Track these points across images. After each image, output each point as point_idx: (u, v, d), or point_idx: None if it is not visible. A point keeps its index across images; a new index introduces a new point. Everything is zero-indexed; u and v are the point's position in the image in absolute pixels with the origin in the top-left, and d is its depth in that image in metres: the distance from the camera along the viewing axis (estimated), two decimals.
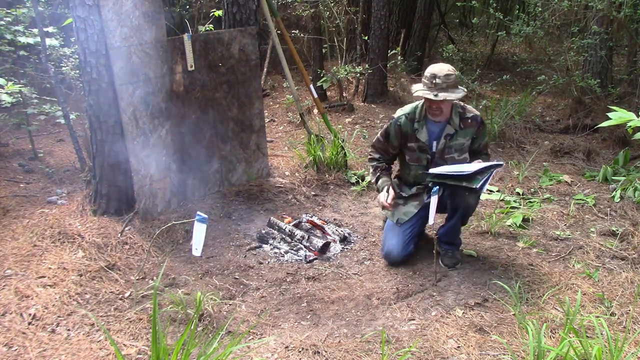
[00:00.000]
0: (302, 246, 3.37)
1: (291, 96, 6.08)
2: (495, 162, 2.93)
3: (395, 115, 3.15)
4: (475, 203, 3.04)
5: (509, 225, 3.59)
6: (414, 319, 2.61)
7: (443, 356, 2.31)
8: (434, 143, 3.08)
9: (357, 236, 3.60)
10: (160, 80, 3.45)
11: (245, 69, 4.04)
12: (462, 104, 3.13)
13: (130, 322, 2.52)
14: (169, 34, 3.54)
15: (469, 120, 3.07)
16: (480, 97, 6.77)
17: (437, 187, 2.86)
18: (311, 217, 3.77)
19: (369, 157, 3.35)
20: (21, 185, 4.27)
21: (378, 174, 3.27)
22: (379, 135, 3.25)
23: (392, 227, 3.20)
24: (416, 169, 3.16)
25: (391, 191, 3.14)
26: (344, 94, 7.17)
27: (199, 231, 2.36)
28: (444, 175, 2.87)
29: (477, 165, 2.89)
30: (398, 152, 3.25)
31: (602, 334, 2.23)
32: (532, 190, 4.30)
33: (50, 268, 2.87)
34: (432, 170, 2.93)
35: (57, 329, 2.45)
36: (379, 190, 3.23)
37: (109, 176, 3.45)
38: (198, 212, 2.38)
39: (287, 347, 2.39)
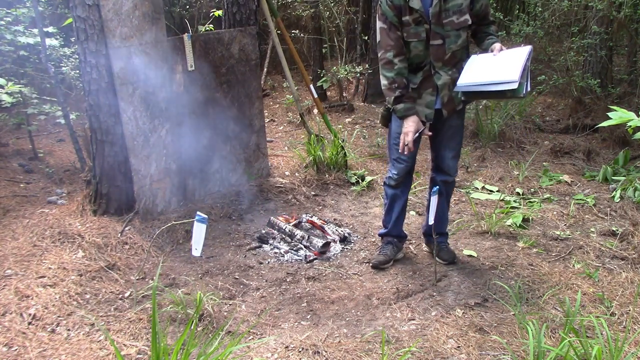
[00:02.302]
0: (302, 246, 3.38)
1: (291, 96, 6.09)
2: (523, 50, 2.53)
3: None
4: (453, 180, 3.05)
5: (509, 225, 3.59)
6: (414, 319, 2.61)
7: (443, 356, 2.31)
8: (429, 10, 2.68)
9: (357, 236, 3.60)
10: (160, 80, 3.45)
11: (245, 69, 4.04)
12: None
13: (130, 322, 2.52)
14: (169, 34, 3.54)
15: None
16: None
17: (437, 187, 2.85)
18: (311, 217, 3.77)
19: (384, 61, 2.76)
20: (21, 185, 4.27)
21: (398, 92, 2.75)
22: (380, 26, 2.76)
23: (398, 140, 2.85)
24: (416, 46, 2.74)
25: (414, 124, 2.74)
26: (344, 94, 7.17)
27: (199, 231, 2.36)
28: (482, 92, 2.57)
29: (505, 60, 2.51)
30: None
31: (602, 334, 2.23)
32: (532, 190, 4.30)
33: (50, 268, 2.87)
34: (460, 83, 2.60)
35: (57, 329, 2.45)
36: (399, 115, 2.79)
37: (109, 176, 3.45)
38: (198, 212, 2.38)
39: (287, 347, 2.39)
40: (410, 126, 2.75)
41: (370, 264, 3.16)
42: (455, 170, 3.03)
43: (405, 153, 2.82)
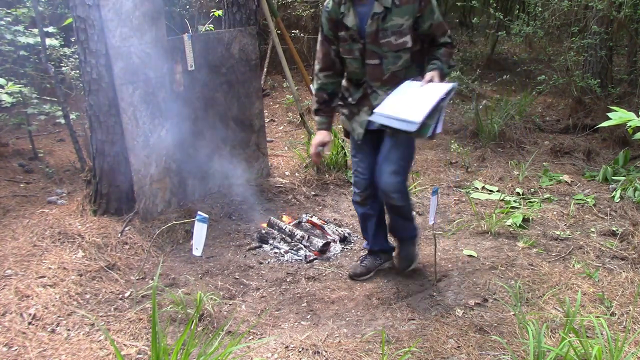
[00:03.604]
0: (302, 246, 3.38)
1: (291, 96, 6.09)
2: (442, 88, 2.38)
3: (326, 2, 2.63)
4: (397, 204, 2.71)
5: (509, 225, 3.59)
6: (414, 319, 2.61)
7: (443, 356, 2.31)
8: (365, 28, 2.52)
9: (357, 236, 3.60)
10: (160, 80, 3.45)
11: (245, 69, 4.04)
12: None
13: (130, 322, 2.52)
14: (169, 34, 3.54)
15: None
16: (480, 97, 6.77)
17: (437, 187, 2.85)
18: (311, 217, 3.77)
19: (314, 72, 2.76)
20: (21, 185, 4.27)
21: (317, 106, 2.76)
22: (318, 37, 2.71)
23: (354, 152, 2.83)
24: (351, 63, 2.63)
25: (320, 137, 2.69)
26: None
27: (199, 231, 2.36)
28: (390, 125, 2.43)
29: (423, 96, 2.38)
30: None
31: (602, 334, 2.23)
32: (532, 190, 4.30)
33: (50, 268, 2.87)
34: (375, 111, 2.49)
35: (57, 329, 2.45)
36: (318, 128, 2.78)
37: (109, 176, 3.45)
38: (198, 212, 2.38)
39: (287, 347, 2.39)
40: (315, 139, 2.73)
41: (348, 273, 3.05)
42: (395, 189, 2.65)
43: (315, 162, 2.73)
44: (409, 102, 2.42)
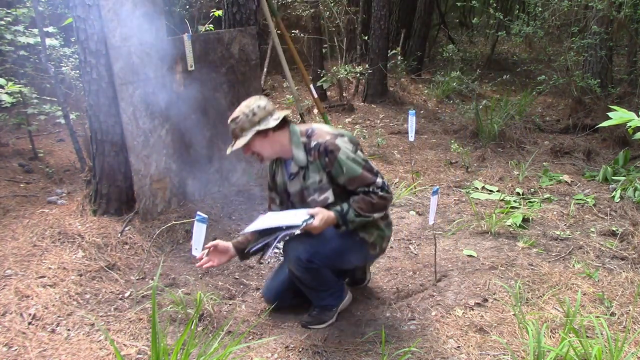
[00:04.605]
0: None
1: (291, 96, 6.09)
2: (291, 220, 2.26)
3: None
4: (299, 270, 2.43)
5: (509, 225, 3.59)
6: (414, 319, 2.61)
7: (443, 356, 2.31)
8: (289, 188, 2.49)
9: None
10: (160, 80, 3.45)
11: (245, 69, 4.04)
12: (311, 128, 2.40)
13: (130, 322, 2.52)
14: (169, 34, 3.54)
15: (313, 152, 2.34)
16: (480, 97, 6.78)
17: (437, 187, 2.85)
18: None
19: None
20: (21, 185, 4.27)
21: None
22: None
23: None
24: None
25: (220, 244, 2.51)
26: (344, 94, 7.17)
27: (199, 231, 2.36)
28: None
29: (277, 218, 2.35)
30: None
31: (602, 334, 2.23)
32: (532, 190, 4.30)
33: (50, 268, 2.87)
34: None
35: (57, 329, 2.45)
36: None
37: (109, 176, 3.45)
38: (198, 212, 2.38)
39: (287, 347, 2.39)
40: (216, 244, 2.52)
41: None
42: (293, 256, 2.41)
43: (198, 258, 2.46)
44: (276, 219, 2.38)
